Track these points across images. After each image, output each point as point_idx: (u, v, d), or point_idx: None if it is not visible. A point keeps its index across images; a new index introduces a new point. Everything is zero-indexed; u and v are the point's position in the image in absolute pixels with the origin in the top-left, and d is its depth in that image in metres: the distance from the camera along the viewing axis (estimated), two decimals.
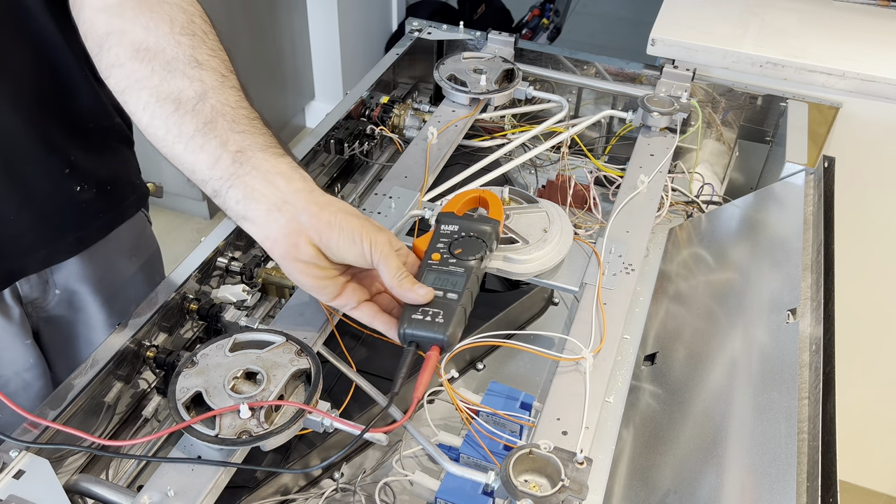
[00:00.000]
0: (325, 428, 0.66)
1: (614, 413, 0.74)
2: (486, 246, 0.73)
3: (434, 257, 0.72)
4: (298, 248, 0.63)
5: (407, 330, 0.66)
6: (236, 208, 0.64)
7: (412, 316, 0.67)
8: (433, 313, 0.66)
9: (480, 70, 1.13)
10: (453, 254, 0.72)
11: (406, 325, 0.66)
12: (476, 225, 0.75)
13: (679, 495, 0.67)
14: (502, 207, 0.79)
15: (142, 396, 0.80)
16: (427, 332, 0.66)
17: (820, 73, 1.17)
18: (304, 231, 0.63)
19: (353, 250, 0.64)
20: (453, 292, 0.68)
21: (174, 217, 2.54)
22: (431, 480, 0.72)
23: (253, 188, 0.63)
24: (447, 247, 0.73)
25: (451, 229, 0.75)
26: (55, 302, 0.91)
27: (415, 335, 0.66)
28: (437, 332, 0.65)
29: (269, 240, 0.64)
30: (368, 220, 0.66)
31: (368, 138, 1.14)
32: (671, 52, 1.23)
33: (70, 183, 0.83)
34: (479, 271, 0.71)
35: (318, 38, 2.81)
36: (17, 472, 0.61)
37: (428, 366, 0.66)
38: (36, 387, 0.92)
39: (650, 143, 1.04)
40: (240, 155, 0.64)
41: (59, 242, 0.86)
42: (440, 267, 0.71)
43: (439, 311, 0.67)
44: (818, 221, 0.90)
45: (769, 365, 0.74)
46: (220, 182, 0.64)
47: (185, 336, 0.84)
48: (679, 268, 0.96)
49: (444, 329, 0.65)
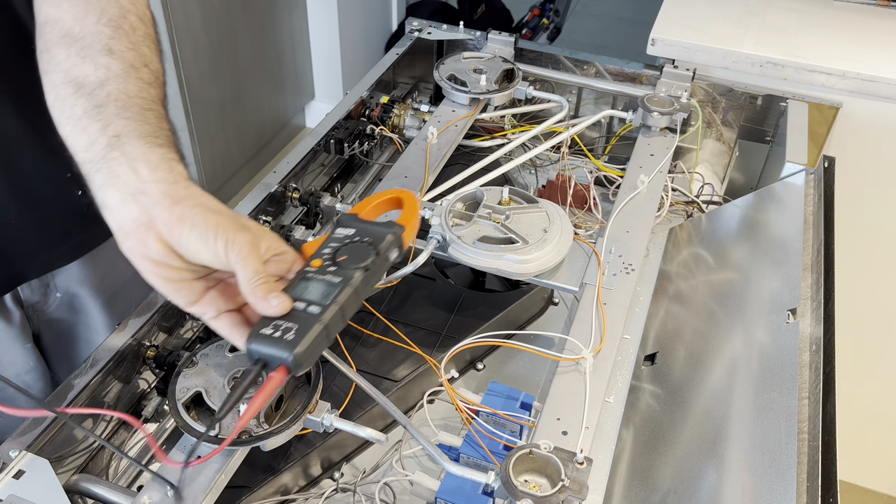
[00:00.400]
0: (325, 428, 0.66)
1: (614, 413, 0.74)
2: (374, 254, 0.61)
3: (314, 264, 0.61)
4: (146, 243, 0.56)
5: (251, 345, 0.56)
6: (97, 195, 0.59)
7: (261, 330, 0.56)
8: (285, 328, 0.56)
9: (480, 70, 1.13)
10: (336, 261, 0.61)
11: (252, 340, 0.56)
12: (374, 229, 0.64)
13: (679, 495, 0.67)
14: (418, 211, 0.68)
15: (141, 396, 0.80)
16: (271, 348, 0.55)
17: (820, 73, 1.17)
18: (154, 225, 0.56)
19: (205, 250, 0.56)
20: (317, 305, 0.58)
21: None
22: (431, 480, 0.72)
23: (115, 174, 0.58)
24: (332, 253, 0.62)
25: (346, 233, 0.64)
26: (56, 305, 0.91)
27: (259, 352, 0.56)
28: (281, 350, 0.55)
29: (122, 232, 0.58)
30: (232, 217, 0.58)
31: (368, 138, 1.14)
32: (671, 52, 1.23)
33: (71, 187, 0.83)
34: (359, 284, 0.60)
35: (318, 38, 2.81)
36: (17, 472, 0.61)
37: (265, 389, 0.56)
38: (35, 389, 0.92)
39: (650, 142, 1.04)
40: (115, 140, 0.59)
41: (60, 247, 0.86)
42: (315, 275, 0.60)
43: (293, 326, 0.56)
44: (818, 221, 0.90)
45: (769, 365, 0.74)
46: (90, 166, 0.59)
47: (185, 336, 0.84)
48: (679, 268, 0.96)
49: (290, 347, 0.55)
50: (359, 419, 0.78)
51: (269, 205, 0.95)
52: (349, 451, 0.82)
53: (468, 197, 0.89)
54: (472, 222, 0.84)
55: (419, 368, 0.84)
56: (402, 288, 0.94)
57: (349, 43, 2.84)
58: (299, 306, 0.58)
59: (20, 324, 0.88)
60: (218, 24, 2.34)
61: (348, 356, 0.77)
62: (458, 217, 0.86)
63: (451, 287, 0.97)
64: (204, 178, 2.45)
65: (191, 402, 0.65)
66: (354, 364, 0.76)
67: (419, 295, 0.95)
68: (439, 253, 0.84)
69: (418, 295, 0.95)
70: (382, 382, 0.82)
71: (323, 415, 0.66)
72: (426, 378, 0.85)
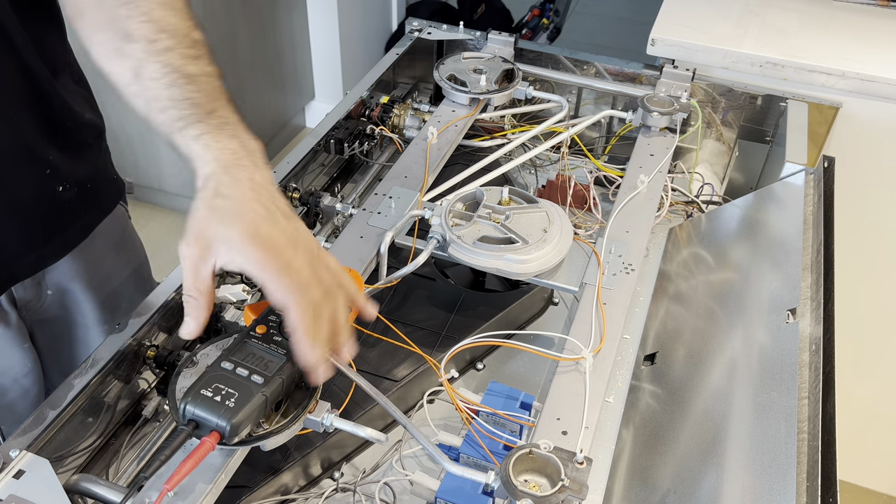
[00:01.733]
0: (325, 428, 0.66)
1: (614, 413, 0.74)
2: None
3: (259, 329, 0.62)
4: None
5: (188, 405, 0.56)
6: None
7: (201, 391, 0.56)
8: (227, 393, 0.56)
9: (480, 70, 1.13)
10: (281, 332, 0.61)
11: (189, 400, 0.56)
12: None
13: (679, 495, 0.67)
14: (362, 283, 0.69)
15: (141, 396, 0.80)
16: (209, 413, 0.55)
17: (820, 73, 1.17)
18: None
19: None
20: (260, 375, 0.58)
21: (174, 217, 2.54)
22: (431, 480, 0.72)
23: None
24: (278, 323, 0.62)
25: None
26: (48, 302, 0.91)
27: (195, 414, 0.56)
28: (219, 417, 0.55)
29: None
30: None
31: (368, 138, 1.14)
32: (671, 52, 1.23)
33: (52, 184, 0.83)
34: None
35: (318, 38, 2.81)
36: (17, 471, 0.61)
37: (196, 453, 0.55)
38: (33, 392, 0.92)
39: (650, 143, 1.05)
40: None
41: (47, 246, 0.86)
42: (259, 343, 0.61)
43: (234, 394, 0.56)
44: (818, 221, 0.90)
45: (769, 365, 0.74)
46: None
47: None
48: (679, 268, 0.96)
49: (229, 415, 0.55)
50: (359, 419, 0.78)
51: None
52: (349, 450, 0.82)
53: (468, 197, 0.89)
54: (472, 222, 0.84)
55: (419, 368, 0.84)
56: (402, 288, 0.94)
57: (349, 43, 2.84)
58: (242, 372, 0.58)
59: (17, 325, 0.88)
60: (218, 24, 2.33)
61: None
62: (458, 217, 0.86)
63: (450, 287, 0.97)
64: None
65: None
66: (354, 364, 0.76)
67: (419, 295, 0.95)
68: (439, 253, 0.84)
69: (418, 295, 0.95)
70: (382, 382, 0.82)
71: (323, 414, 0.66)
72: (426, 378, 0.85)
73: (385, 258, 0.85)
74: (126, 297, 0.98)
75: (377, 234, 0.87)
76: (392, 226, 0.87)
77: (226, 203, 0.59)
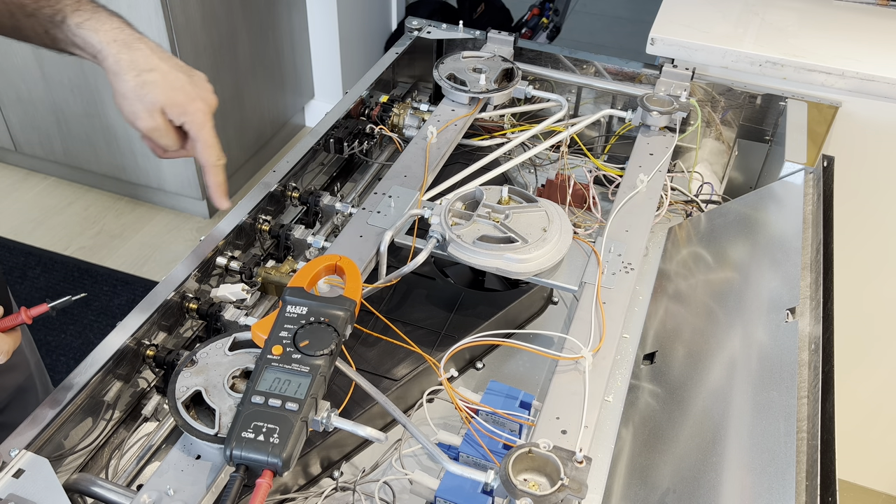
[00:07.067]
0: (325, 427, 0.66)
1: (613, 412, 0.74)
2: (336, 336, 0.63)
3: (275, 350, 0.62)
4: None
5: (235, 451, 0.56)
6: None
7: (242, 434, 0.56)
8: (268, 430, 0.57)
9: (480, 69, 1.13)
10: (298, 347, 0.62)
11: (235, 445, 0.56)
12: (327, 309, 0.65)
13: (678, 494, 0.67)
14: (360, 279, 0.70)
15: (141, 395, 0.80)
16: (259, 454, 0.56)
17: (819, 73, 1.17)
18: None
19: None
20: (293, 401, 0.58)
21: (174, 216, 2.53)
22: (431, 479, 0.72)
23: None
24: (292, 337, 0.63)
25: (299, 312, 0.65)
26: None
27: (244, 458, 0.56)
28: (270, 456, 0.56)
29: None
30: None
31: (368, 137, 1.14)
32: (670, 52, 1.23)
33: None
34: (326, 370, 0.61)
35: (318, 37, 2.81)
36: (17, 471, 0.61)
37: (257, 495, 0.56)
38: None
39: (649, 142, 1.05)
40: None
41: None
42: (281, 365, 0.61)
43: (275, 428, 0.57)
44: (817, 221, 0.90)
45: (768, 364, 0.74)
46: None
47: (185, 335, 0.84)
48: (678, 267, 0.96)
49: (278, 451, 0.56)
50: (358, 418, 0.78)
51: (269, 204, 0.95)
52: (349, 449, 0.82)
53: (468, 196, 0.89)
54: (472, 221, 0.84)
55: (419, 367, 0.84)
56: (402, 287, 0.94)
57: (349, 42, 2.84)
58: (275, 403, 0.58)
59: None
60: (218, 24, 2.33)
61: (348, 355, 0.77)
62: (458, 216, 0.86)
63: (450, 286, 0.97)
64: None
65: (190, 401, 0.65)
66: (354, 363, 0.76)
67: (419, 294, 0.95)
68: (439, 252, 0.84)
69: (418, 294, 0.95)
70: (382, 381, 0.82)
71: (322, 414, 0.66)
72: (426, 377, 0.85)
73: (384, 257, 0.85)
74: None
75: (377, 233, 0.87)
76: (391, 225, 0.87)
77: (152, 76, 0.70)
